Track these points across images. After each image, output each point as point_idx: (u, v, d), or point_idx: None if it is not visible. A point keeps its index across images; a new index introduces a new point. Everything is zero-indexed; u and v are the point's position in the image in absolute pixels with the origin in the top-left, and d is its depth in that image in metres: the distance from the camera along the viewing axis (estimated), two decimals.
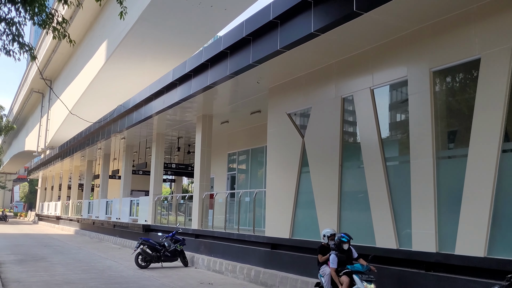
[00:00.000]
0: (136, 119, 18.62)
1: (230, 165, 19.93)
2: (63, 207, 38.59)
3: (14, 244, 21.98)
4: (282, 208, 11.72)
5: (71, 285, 10.84)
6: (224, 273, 13.12)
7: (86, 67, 32.00)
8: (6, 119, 51.98)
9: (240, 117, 17.18)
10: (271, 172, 12.39)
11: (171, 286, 11.16)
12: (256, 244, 12.50)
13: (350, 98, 10.19)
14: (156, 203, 19.76)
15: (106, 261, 15.92)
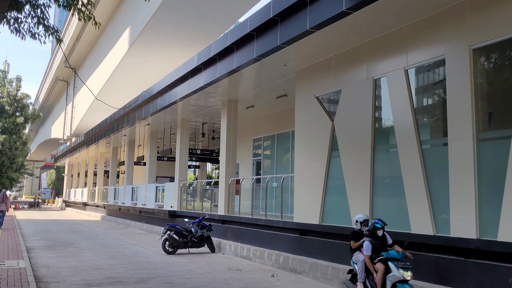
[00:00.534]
0: (160, 105, 18.53)
1: (255, 151, 19.72)
2: (89, 193, 39.13)
3: (43, 230, 22.31)
4: (311, 194, 11.47)
5: (100, 270, 10.85)
6: (252, 259, 12.99)
7: (109, 55, 32.10)
8: (33, 107, 52.75)
9: (265, 101, 16.91)
10: (299, 157, 12.12)
11: (199, 272, 11.07)
12: (284, 230, 12.31)
13: (382, 79, 9.81)
14: (182, 189, 19.73)
15: (133, 246, 15.98)
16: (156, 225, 21.28)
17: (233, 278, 10.39)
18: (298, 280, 10.37)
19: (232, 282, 9.89)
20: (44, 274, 10.17)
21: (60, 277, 9.89)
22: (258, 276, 10.67)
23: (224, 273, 11.03)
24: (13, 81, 49.29)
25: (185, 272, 11.03)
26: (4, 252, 12.18)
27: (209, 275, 10.69)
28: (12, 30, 6.74)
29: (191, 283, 9.64)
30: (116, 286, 9.08)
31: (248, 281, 10.09)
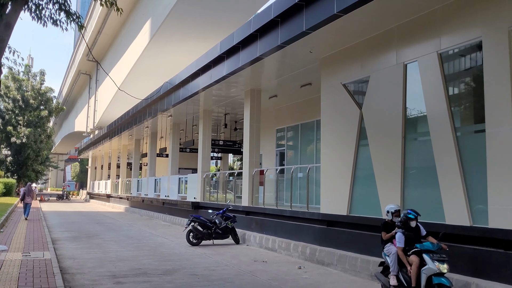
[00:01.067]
0: (182, 95, 18.38)
1: (279, 142, 19.44)
2: (112, 185, 39.46)
3: (68, 221, 22.50)
4: (338, 184, 11.16)
5: (125, 262, 10.77)
6: (277, 251, 12.77)
7: (130, 47, 32.13)
8: (56, 101, 53.46)
9: (289, 91, 16.59)
10: (325, 146, 11.81)
11: (224, 263, 10.90)
12: (310, 221, 12.04)
13: (413, 65, 9.40)
14: (205, 180, 19.60)
15: (157, 238, 15.93)
16: (179, 217, 21.25)
17: (259, 270, 10.19)
18: (326, 272, 10.11)
19: (259, 274, 9.69)
20: (70, 265, 10.14)
21: (86, 268, 9.84)
22: (285, 268, 10.45)
23: (249, 264, 10.84)
24: (37, 75, 49.98)
25: (210, 263, 10.88)
26: (30, 243, 12.22)
27: (235, 266, 10.52)
28: (33, 17, 6.61)
29: (217, 275, 9.48)
30: (142, 278, 8.97)
31: (274, 273, 9.87)
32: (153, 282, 8.65)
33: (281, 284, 8.74)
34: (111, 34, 38.87)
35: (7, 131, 45.77)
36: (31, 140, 46.17)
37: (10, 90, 46.89)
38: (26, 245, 11.78)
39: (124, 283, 8.44)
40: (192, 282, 8.77)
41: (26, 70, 49.80)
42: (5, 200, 33.67)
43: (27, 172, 48.59)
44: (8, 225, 17.29)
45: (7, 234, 14.06)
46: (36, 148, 48.00)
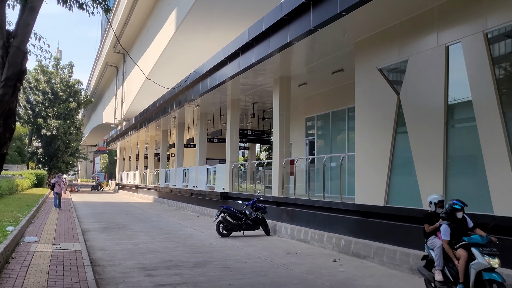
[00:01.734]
0: (210, 85, 18.09)
1: (308, 131, 18.97)
2: (141, 176, 39.71)
3: (98, 212, 22.62)
4: (374, 173, 10.70)
5: (155, 253, 10.58)
6: (310, 243, 12.41)
7: (157, 38, 32.01)
8: (85, 93, 54.06)
9: (319, 78, 16.09)
10: (360, 134, 11.33)
11: (256, 255, 10.60)
12: (344, 212, 11.61)
13: (456, 46, 8.83)
14: (233, 170, 19.33)
15: (186, 229, 15.76)
16: (208, 207, 21.08)
17: (293, 262, 9.85)
18: (363, 265, 9.70)
19: (293, 267, 9.35)
20: (100, 257, 10.00)
21: (116, 260, 9.68)
22: (319, 261, 10.08)
23: (282, 257, 10.51)
24: (65, 67, 50.57)
25: (242, 255, 10.59)
26: (60, 234, 12.18)
27: (267, 259, 10.20)
28: (59, 0, 6.36)
29: (250, 268, 9.18)
30: (173, 270, 8.74)
31: (309, 266, 9.52)
32: (185, 275, 8.41)
33: (317, 278, 8.38)
34: (137, 25, 38.89)
35: (37, 123, 46.56)
36: (61, 132, 46.85)
37: (40, 83, 47.62)
38: (57, 236, 11.73)
39: (155, 276, 8.22)
40: (225, 275, 8.49)
41: (55, 63, 50.47)
42: (36, 191, 34.26)
43: (58, 164, 49.40)
44: (39, 215, 17.41)
45: (38, 225, 14.10)
46: (66, 140, 48.71)
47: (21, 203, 19.92)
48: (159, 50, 30.98)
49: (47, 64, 48.74)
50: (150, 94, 36.92)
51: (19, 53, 5.85)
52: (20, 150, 54.16)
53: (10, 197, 24.25)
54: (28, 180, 36.42)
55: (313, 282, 8.06)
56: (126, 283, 7.63)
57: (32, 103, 48.06)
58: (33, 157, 49.16)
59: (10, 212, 15.36)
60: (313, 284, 7.97)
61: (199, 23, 25.91)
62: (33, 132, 49.00)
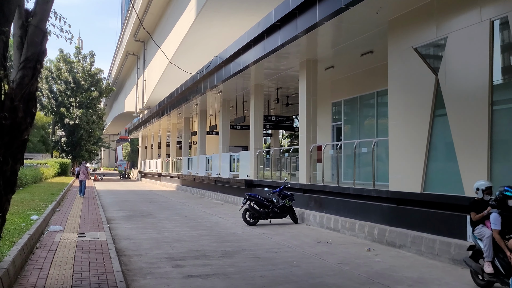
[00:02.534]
0: (233, 69, 17.64)
1: (335, 116, 18.38)
2: (163, 164, 39.67)
3: (122, 200, 22.53)
4: (410, 159, 10.14)
5: (181, 243, 10.28)
6: (341, 231, 11.95)
7: (177, 25, 31.60)
8: (106, 82, 54.21)
9: (347, 60, 15.48)
10: (394, 118, 10.75)
11: (286, 245, 10.21)
12: (377, 199, 11.10)
13: (503, 20, 8.18)
14: (258, 157, 18.92)
15: (212, 217, 15.45)
16: (232, 195, 20.76)
17: (325, 252, 9.42)
18: (399, 255, 9.21)
19: (326, 257, 8.92)
20: (126, 246, 9.74)
21: (142, 250, 9.39)
22: (353, 250, 9.64)
23: (313, 246, 10.09)
24: (86, 56, 50.69)
25: (271, 245, 10.20)
26: (85, 223, 11.97)
27: (298, 248, 9.80)
28: None
29: (280, 258, 8.79)
30: (201, 261, 8.41)
31: (342, 255, 9.08)
32: (214, 265, 8.07)
33: (353, 269, 7.94)
34: (156, 13, 38.56)
35: (60, 113, 46.89)
36: (84, 121, 47.11)
37: (62, 72, 47.85)
38: (82, 225, 11.52)
39: (183, 266, 7.90)
40: (255, 265, 8.12)
41: (76, 52, 50.63)
42: (61, 179, 34.49)
43: (81, 152, 49.79)
44: (63, 204, 17.33)
45: (63, 214, 13.95)
46: (89, 128, 49.01)
47: (46, 192, 19.90)
48: (180, 37, 30.59)
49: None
50: (171, 82, 36.68)
51: (38, 33, 5.49)
52: (44, 139, 54.74)
53: (35, 185, 24.34)
54: (53, 168, 36.70)
55: (349, 274, 7.62)
56: (153, 274, 7.31)
57: (55, 92, 48.39)
58: (57, 146, 49.62)
59: (35, 201, 15.26)
60: (350, 275, 7.53)
61: (219, 9, 25.37)
62: (57, 122, 49.41)
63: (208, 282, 6.91)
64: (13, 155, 5.42)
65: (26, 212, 11.76)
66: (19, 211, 11.87)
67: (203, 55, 28.29)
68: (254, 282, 6.96)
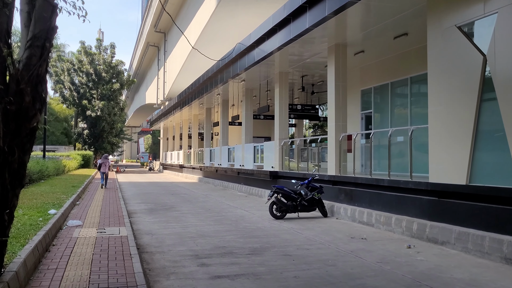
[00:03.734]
0: (257, 56, 16.92)
1: (364, 104, 17.49)
2: (185, 156, 39.26)
3: (143, 192, 22.12)
4: (453, 148, 9.30)
5: (206, 238, 9.67)
6: (375, 226, 11.19)
7: (197, 15, 30.94)
8: (127, 73, 54.03)
9: (378, 44, 14.58)
10: (435, 104, 9.89)
11: (317, 241, 9.51)
12: (415, 192, 10.29)
13: None
14: (283, 148, 18.20)
15: (236, 210, 14.84)
16: (256, 187, 20.14)
17: (361, 249, 8.70)
18: (443, 253, 8.43)
19: (363, 254, 8.21)
20: (147, 242, 9.18)
21: (165, 246, 8.82)
22: (391, 247, 8.89)
23: (347, 242, 9.38)
24: (107, 48, 50.50)
25: (301, 241, 9.52)
26: (105, 217, 11.46)
27: (331, 245, 9.10)
28: None
29: (313, 256, 8.10)
30: (228, 259, 7.78)
31: (381, 253, 8.35)
32: (242, 264, 7.43)
33: (395, 269, 7.21)
34: (176, 3, 37.95)
35: (82, 105, 46.88)
36: (105, 113, 47.01)
37: (83, 64, 47.76)
38: (102, 220, 11.01)
39: (210, 265, 7.28)
40: (287, 264, 7.45)
41: (97, 44, 50.49)
42: (83, 171, 34.40)
43: (103, 144, 49.78)
44: (84, 197, 16.94)
45: (83, 207, 13.50)
46: (111, 120, 48.92)
47: (67, 184, 19.59)
48: (200, 27, 29.93)
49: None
50: (192, 72, 36.13)
51: (47, 6, 4.88)
52: (67, 131, 54.97)
53: (57, 178, 24.12)
54: (75, 161, 36.64)
55: (392, 275, 6.89)
56: (177, 274, 6.72)
57: (77, 84, 48.38)
58: (79, 138, 49.72)
59: (55, 194, 14.88)
60: (392, 276, 6.81)
61: None
62: (79, 114, 49.45)
63: (237, 284, 6.28)
64: (20, 145, 4.84)
65: (44, 206, 11.31)
66: (37, 205, 11.44)
67: (225, 45, 27.54)
68: (287, 284, 6.30)
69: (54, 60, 49.45)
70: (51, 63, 49.76)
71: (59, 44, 60.92)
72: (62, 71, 47.97)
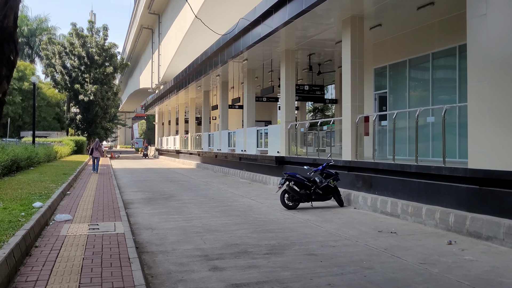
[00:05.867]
0: (262, 32, 15.56)
1: (378, 83, 16.18)
2: (182, 141, 37.92)
3: (140, 179, 20.87)
4: (499, 129, 8.09)
5: (214, 233, 8.46)
6: (401, 217, 10.01)
7: None
8: (121, 57, 52.38)
9: (399, 16, 13.19)
10: (476, 78, 8.62)
11: (342, 236, 8.33)
12: (450, 179, 9.09)
13: None
14: (290, 131, 16.94)
15: (242, 199, 13.63)
16: (259, 173, 18.93)
17: (395, 246, 7.53)
18: (492, 250, 7.27)
19: (400, 253, 7.02)
20: (147, 239, 7.96)
21: (168, 244, 7.61)
22: (429, 243, 7.72)
23: (376, 237, 8.20)
24: (100, 30, 48.78)
25: (323, 236, 8.33)
26: (99, 209, 10.17)
27: (359, 241, 7.91)
28: None
29: (343, 255, 6.92)
30: (243, 260, 6.59)
31: (420, 251, 7.17)
32: (262, 267, 6.24)
33: (445, 272, 6.04)
34: None
35: (74, 89, 45.33)
36: (98, 97, 45.51)
37: (75, 47, 46.07)
38: (94, 213, 9.72)
39: (223, 270, 6.09)
40: (315, 267, 6.26)
41: (89, 26, 48.73)
42: (76, 157, 33.06)
43: (97, 130, 48.36)
44: (76, 185, 15.65)
45: (74, 198, 12.21)
46: (104, 105, 47.43)
47: (58, 172, 18.28)
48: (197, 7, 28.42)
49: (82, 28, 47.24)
50: (188, 54, 34.64)
51: None
52: (59, 117, 53.35)
53: (48, 164, 22.79)
54: (68, 147, 35.27)
55: (444, 281, 5.72)
56: (186, 283, 5.52)
57: (68, 68, 46.75)
58: (72, 123, 48.21)
59: (44, 183, 13.59)
60: (446, 283, 5.65)
61: None
62: (71, 98, 47.89)
63: None
64: None
65: (30, 197, 10.03)
66: (22, 196, 10.14)
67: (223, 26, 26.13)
68: None
69: (45, 43, 47.78)
70: (42, 46, 48.08)
71: (50, 27, 59.15)
72: (53, 55, 46.26)
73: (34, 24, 58.44)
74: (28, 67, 50.16)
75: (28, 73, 47.37)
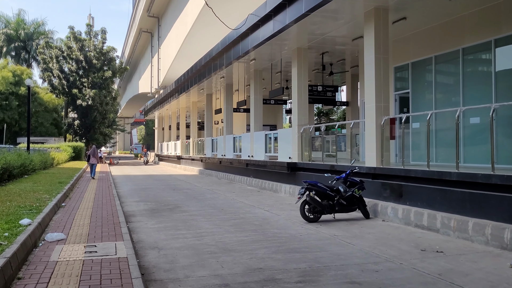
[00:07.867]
0: (274, 28, 14.39)
1: (399, 83, 14.99)
2: (183, 146, 36.70)
3: (141, 187, 19.64)
4: None
5: (232, 254, 7.24)
6: (441, 231, 8.80)
7: None
8: (120, 61, 51.26)
9: (427, 7, 11.93)
10: None
11: (380, 256, 7.12)
12: (502, 189, 7.90)
13: None
14: (303, 135, 15.74)
15: (255, 210, 12.41)
16: (269, 180, 17.71)
17: (449, 270, 6.32)
18: None
19: (460, 281, 5.81)
20: (154, 262, 6.73)
21: (179, 268, 6.38)
22: (488, 266, 6.51)
23: (421, 258, 6.98)
24: (98, 33, 47.68)
25: (360, 257, 7.10)
26: (97, 225, 8.91)
27: (403, 262, 6.70)
28: None
29: (391, 283, 5.71)
30: None
31: (482, 277, 5.96)
32: None
33: None
34: None
35: (72, 94, 44.16)
36: (97, 102, 44.31)
37: (73, 51, 44.92)
38: (92, 229, 8.48)
39: None
40: None
41: (87, 29, 47.62)
42: (74, 164, 31.84)
43: (95, 135, 47.13)
44: (73, 195, 14.40)
45: (70, 210, 10.96)
46: (102, 110, 46.23)
47: (53, 180, 17.04)
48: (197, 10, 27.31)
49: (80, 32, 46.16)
50: (189, 57, 33.56)
51: None
52: (57, 122, 52.15)
53: (43, 172, 21.57)
54: (65, 153, 34.09)
55: None
56: None
57: (66, 72, 45.58)
58: (70, 129, 46.97)
59: (37, 193, 12.37)
60: None
61: None
62: (69, 103, 46.68)
63: None
64: None
65: (18, 212, 8.80)
66: (9, 211, 8.88)
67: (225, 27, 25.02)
68: None
69: (42, 47, 46.68)
70: (39, 50, 46.95)
71: (47, 31, 58.05)
72: (51, 59, 45.11)
73: (31, 28, 57.40)
74: (24, 72, 49.06)
75: (24, 78, 46.26)
